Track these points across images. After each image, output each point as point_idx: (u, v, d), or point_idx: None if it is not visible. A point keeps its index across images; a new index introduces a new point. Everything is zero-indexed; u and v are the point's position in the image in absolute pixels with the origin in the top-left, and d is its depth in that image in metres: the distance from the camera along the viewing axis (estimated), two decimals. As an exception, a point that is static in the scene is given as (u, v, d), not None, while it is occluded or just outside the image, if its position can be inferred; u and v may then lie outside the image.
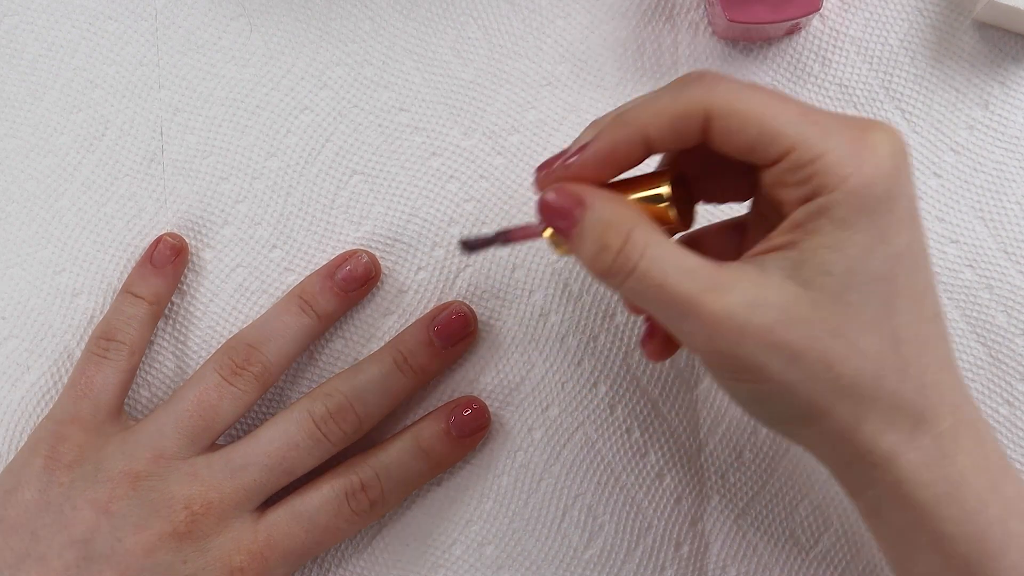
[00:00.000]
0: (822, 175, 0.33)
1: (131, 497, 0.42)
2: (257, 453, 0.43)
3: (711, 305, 0.34)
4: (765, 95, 0.35)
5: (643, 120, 0.36)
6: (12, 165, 0.49)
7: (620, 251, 0.35)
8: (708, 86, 0.35)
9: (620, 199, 0.36)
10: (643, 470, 0.47)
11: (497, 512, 0.47)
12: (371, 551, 0.47)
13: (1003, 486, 0.35)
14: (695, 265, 0.34)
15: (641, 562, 0.47)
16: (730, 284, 0.34)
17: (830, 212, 0.33)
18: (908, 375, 0.34)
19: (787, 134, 0.34)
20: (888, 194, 0.34)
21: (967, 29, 0.47)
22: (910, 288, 0.34)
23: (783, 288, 0.34)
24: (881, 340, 0.34)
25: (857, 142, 0.34)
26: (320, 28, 0.49)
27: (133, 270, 0.47)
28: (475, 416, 0.46)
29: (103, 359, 0.45)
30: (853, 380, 0.34)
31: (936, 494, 0.34)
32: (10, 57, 0.50)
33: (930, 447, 0.35)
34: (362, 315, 0.48)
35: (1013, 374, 0.46)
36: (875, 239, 0.34)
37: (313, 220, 0.48)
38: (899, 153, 0.34)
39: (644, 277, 0.34)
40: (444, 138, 0.49)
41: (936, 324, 0.36)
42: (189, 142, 0.49)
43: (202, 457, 0.44)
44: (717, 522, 0.47)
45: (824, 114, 0.35)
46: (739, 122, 0.34)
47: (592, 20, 0.49)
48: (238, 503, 0.43)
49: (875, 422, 0.34)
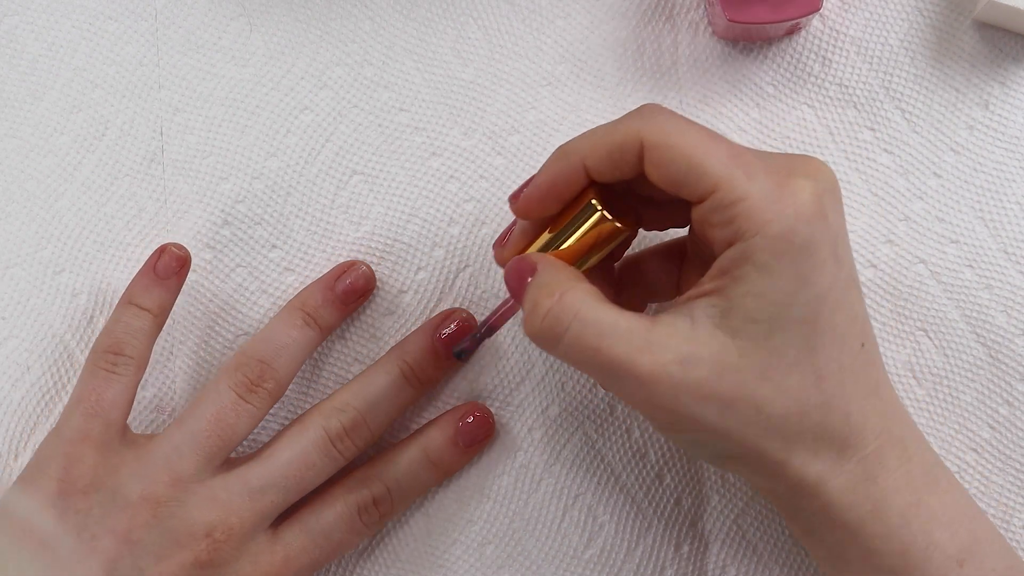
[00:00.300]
0: (743, 219, 0.35)
1: (152, 525, 0.41)
2: (275, 475, 0.43)
3: (646, 366, 0.35)
4: (699, 133, 0.36)
5: (582, 151, 0.38)
6: (12, 165, 0.49)
7: (549, 312, 0.36)
8: (645, 119, 0.37)
9: (564, 268, 0.38)
10: (643, 470, 0.47)
11: (497, 512, 0.47)
12: (371, 551, 0.47)
13: (927, 499, 0.37)
14: (628, 326, 0.36)
15: (641, 562, 0.47)
16: (662, 343, 0.35)
17: (753, 258, 0.35)
18: (831, 408, 0.36)
19: (712, 173, 0.35)
20: (809, 239, 0.35)
21: (967, 29, 0.47)
22: (831, 326, 0.36)
23: (713, 339, 0.35)
24: (804, 378, 0.36)
25: (780, 187, 0.35)
26: (320, 28, 0.49)
27: (135, 279, 0.46)
28: (481, 424, 0.46)
29: (112, 374, 0.44)
30: (781, 420, 0.36)
31: (861, 514, 0.37)
32: (10, 57, 0.50)
33: (854, 471, 0.37)
34: (362, 315, 0.48)
35: (1013, 374, 0.46)
36: (797, 284, 0.35)
37: (313, 220, 0.48)
38: (823, 195, 0.36)
39: (577, 340, 0.36)
40: (444, 138, 0.49)
41: (862, 354, 0.37)
42: (189, 142, 0.49)
43: (219, 479, 0.43)
44: (717, 522, 0.47)
45: (754, 156, 0.36)
46: (669, 156, 0.36)
47: (592, 20, 0.49)
48: (256, 524, 0.43)
49: (802, 454, 0.37)
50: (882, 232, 0.47)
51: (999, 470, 0.46)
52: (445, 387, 0.48)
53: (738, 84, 0.48)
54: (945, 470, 0.39)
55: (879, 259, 0.47)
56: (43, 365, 0.48)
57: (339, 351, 0.48)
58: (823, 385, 0.36)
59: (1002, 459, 0.46)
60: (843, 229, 0.37)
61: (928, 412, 0.47)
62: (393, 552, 0.47)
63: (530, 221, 0.40)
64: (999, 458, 0.46)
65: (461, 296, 0.48)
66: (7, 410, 0.48)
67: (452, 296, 0.48)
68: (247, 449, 0.47)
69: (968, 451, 0.46)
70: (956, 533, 0.37)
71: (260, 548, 0.43)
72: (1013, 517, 0.46)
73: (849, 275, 0.37)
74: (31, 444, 0.48)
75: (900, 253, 0.47)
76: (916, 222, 0.47)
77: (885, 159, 0.47)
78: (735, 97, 0.48)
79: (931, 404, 0.47)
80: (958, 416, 0.46)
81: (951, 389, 0.47)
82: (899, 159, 0.47)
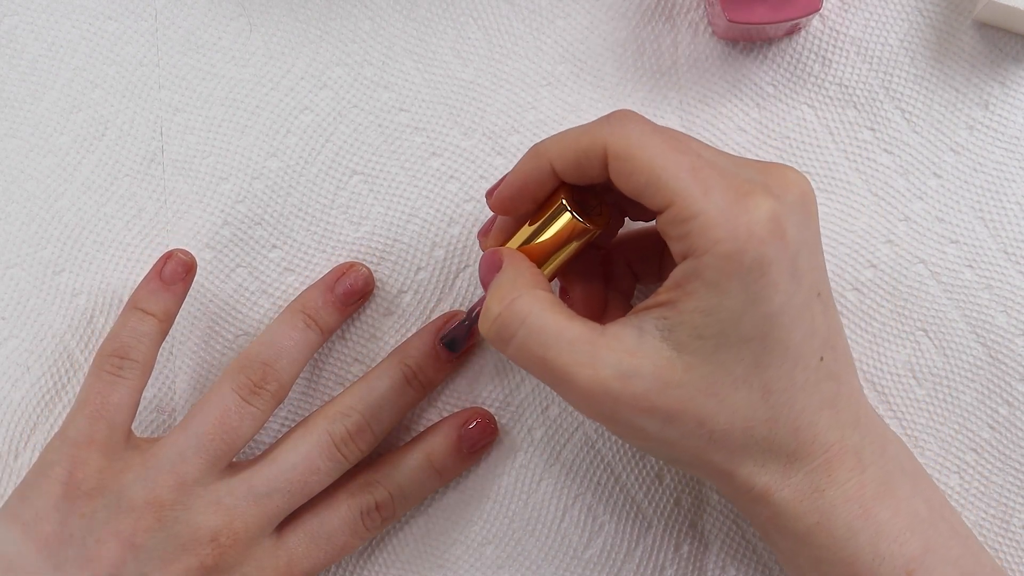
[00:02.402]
0: (695, 236, 0.35)
1: (156, 529, 0.41)
2: (279, 479, 0.43)
3: (586, 379, 0.36)
4: (663, 144, 0.36)
5: (551, 153, 0.38)
6: (12, 165, 0.49)
7: (499, 317, 0.37)
8: (613, 126, 0.37)
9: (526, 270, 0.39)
10: (643, 470, 0.47)
11: (497, 512, 0.47)
12: (371, 551, 0.47)
13: (877, 510, 0.38)
14: (573, 336, 0.36)
15: (641, 562, 0.47)
16: (604, 356, 0.36)
17: (703, 275, 0.35)
18: (778, 422, 0.37)
19: (669, 188, 0.36)
20: (760, 259, 0.35)
21: (967, 29, 0.47)
22: (783, 343, 0.36)
23: (657, 353, 0.36)
24: (751, 394, 0.36)
25: (735, 205, 0.35)
26: (320, 28, 0.49)
27: (141, 284, 0.46)
28: (484, 429, 0.46)
29: (117, 378, 0.44)
30: (724, 434, 0.36)
31: (808, 525, 0.38)
32: (10, 57, 0.50)
33: (802, 483, 0.37)
34: (362, 315, 0.48)
35: (1013, 374, 0.46)
36: (746, 303, 0.35)
37: (313, 220, 0.48)
38: (783, 214, 0.36)
39: (522, 347, 0.37)
40: (444, 138, 0.49)
41: (820, 368, 0.37)
42: (189, 142, 0.49)
43: (224, 483, 0.43)
44: (717, 522, 0.47)
45: (716, 171, 0.36)
46: (630, 167, 0.36)
47: (592, 20, 0.49)
48: (261, 529, 0.43)
49: (749, 466, 0.37)
50: (882, 232, 0.47)
51: (999, 470, 0.46)
52: (446, 388, 0.48)
53: (738, 84, 0.48)
54: (911, 477, 0.40)
55: (879, 259, 0.47)
56: (43, 365, 0.48)
57: (340, 352, 0.48)
58: (770, 400, 0.36)
59: (1002, 459, 0.46)
60: (810, 243, 0.37)
61: (928, 412, 0.47)
62: (393, 552, 0.47)
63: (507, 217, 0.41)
64: (999, 458, 0.46)
65: (461, 296, 0.48)
66: (7, 410, 0.48)
67: (452, 296, 0.48)
68: (250, 452, 0.47)
69: (968, 451, 0.46)
70: (906, 544, 0.38)
71: (265, 552, 0.43)
72: (1013, 517, 0.46)
73: (811, 289, 0.37)
74: (31, 444, 0.48)
75: (900, 253, 0.47)
76: (916, 222, 0.47)
77: (885, 159, 0.47)
78: (735, 97, 0.48)
79: (931, 404, 0.47)
80: (958, 416, 0.46)
81: (951, 389, 0.47)
82: (899, 159, 0.47)
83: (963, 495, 0.46)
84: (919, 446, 0.46)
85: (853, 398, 0.39)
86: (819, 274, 0.38)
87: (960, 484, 0.46)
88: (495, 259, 0.40)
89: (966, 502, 0.46)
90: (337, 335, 0.48)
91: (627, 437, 0.38)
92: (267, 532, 0.43)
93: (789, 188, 0.37)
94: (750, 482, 0.37)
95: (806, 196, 0.37)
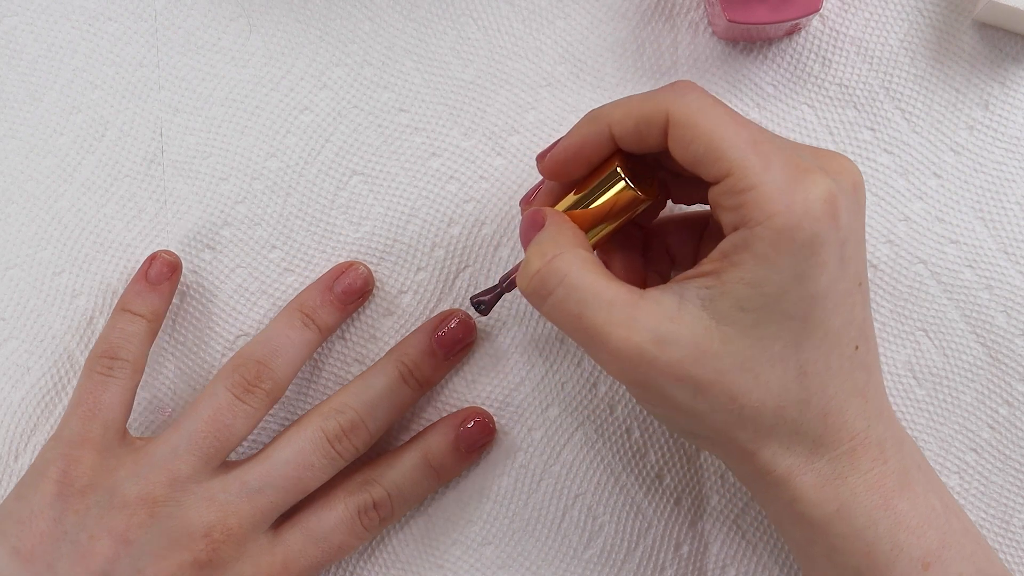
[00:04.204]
0: (751, 207, 0.35)
1: (149, 525, 0.42)
2: (273, 475, 0.43)
3: (621, 341, 0.35)
4: (725, 115, 0.36)
5: (611, 118, 0.38)
6: (12, 166, 0.49)
7: (538, 273, 0.37)
8: (676, 94, 0.37)
9: (570, 229, 0.38)
10: (643, 470, 0.47)
11: (497, 513, 0.47)
12: (371, 551, 0.47)
13: (896, 502, 0.37)
14: (612, 297, 0.36)
15: (641, 562, 0.47)
16: (642, 319, 0.35)
17: (753, 247, 0.35)
18: (810, 405, 0.36)
19: (729, 157, 0.35)
20: (812, 238, 0.35)
21: (967, 29, 0.47)
22: (823, 326, 0.36)
23: (697, 322, 0.35)
24: (786, 373, 0.36)
25: (793, 181, 0.35)
26: (320, 28, 0.49)
27: (128, 287, 0.46)
28: (482, 429, 0.46)
29: (109, 378, 0.44)
30: (755, 411, 0.36)
31: (827, 512, 0.37)
32: (10, 57, 0.50)
33: (824, 469, 0.37)
34: (362, 316, 0.48)
35: (1013, 374, 0.46)
36: (792, 280, 0.35)
37: (313, 220, 0.48)
38: (839, 195, 0.35)
39: (560, 304, 0.36)
40: (444, 139, 0.49)
41: (854, 357, 0.37)
42: (189, 143, 0.49)
43: (217, 480, 0.43)
44: (717, 522, 0.47)
45: (776, 147, 0.36)
46: (691, 134, 0.36)
47: (592, 20, 0.49)
48: (255, 526, 0.43)
49: (773, 447, 0.37)
50: (882, 232, 0.47)
51: (999, 470, 0.46)
52: (445, 388, 0.48)
53: (738, 84, 0.48)
54: (925, 473, 0.40)
55: (879, 259, 0.47)
56: (43, 366, 0.48)
57: (339, 352, 0.48)
58: (805, 382, 0.36)
59: (1002, 459, 0.46)
60: (857, 232, 0.37)
61: (928, 412, 0.47)
62: (393, 553, 0.47)
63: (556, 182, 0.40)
64: (999, 458, 0.46)
65: (461, 296, 0.48)
66: (7, 411, 0.48)
67: (452, 296, 0.48)
68: (248, 453, 0.47)
69: (968, 451, 0.46)
70: (923, 536, 0.37)
71: (260, 549, 0.43)
72: (1013, 517, 0.46)
73: (855, 278, 0.37)
74: (31, 445, 0.48)
75: (900, 253, 0.47)
76: (916, 222, 0.47)
77: (885, 159, 0.47)
78: (735, 97, 0.48)
79: (931, 404, 0.47)
80: (958, 416, 0.46)
81: (951, 389, 0.47)
82: (899, 159, 0.47)
83: (963, 495, 0.46)
84: (919, 446, 0.46)
85: (879, 391, 0.39)
86: (862, 264, 0.37)
87: (960, 484, 0.46)
88: (538, 217, 0.39)
89: (966, 502, 0.46)
90: (336, 335, 0.48)
91: (654, 405, 0.38)
92: (262, 529, 0.43)
93: (844, 174, 0.36)
94: (772, 464, 0.37)
95: (858, 185, 0.37)
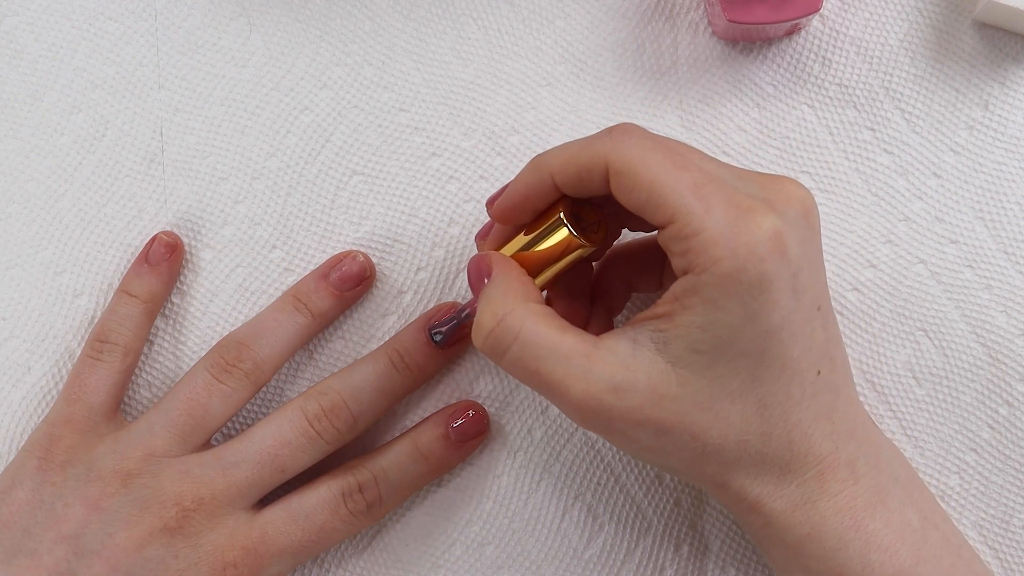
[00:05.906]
0: (696, 253, 0.35)
1: (122, 494, 0.43)
2: (249, 451, 0.44)
3: (580, 393, 0.36)
4: (665, 161, 0.36)
5: (552, 167, 0.38)
6: (12, 166, 0.49)
7: (491, 333, 0.37)
8: (615, 141, 0.37)
9: (517, 280, 0.39)
10: (643, 470, 0.47)
11: (497, 512, 0.47)
12: (371, 551, 0.47)
13: (867, 523, 0.38)
14: (568, 349, 0.36)
15: (641, 562, 0.47)
16: (598, 370, 0.36)
17: (701, 292, 0.35)
18: (773, 436, 0.37)
19: (671, 204, 0.35)
20: (760, 278, 0.35)
21: (967, 29, 0.47)
22: (781, 358, 0.36)
23: (652, 366, 0.36)
24: (746, 408, 0.36)
25: (736, 222, 0.35)
26: (320, 28, 0.49)
27: (129, 269, 0.48)
28: (474, 421, 0.46)
29: (96, 361, 0.46)
30: (718, 447, 0.37)
31: (799, 535, 0.38)
32: (10, 57, 0.50)
33: (794, 495, 0.38)
34: (361, 315, 0.48)
35: (1013, 374, 0.46)
36: (744, 320, 0.35)
37: (313, 220, 0.48)
38: (785, 230, 0.35)
39: (516, 361, 0.37)
40: (444, 138, 0.49)
41: (816, 382, 0.37)
42: (189, 142, 0.49)
43: (195, 456, 0.44)
44: (717, 522, 0.47)
45: (717, 186, 0.36)
46: (631, 183, 0.36)
47: (592, 20, 0.49)
48: (231, 500, 0.43)
49: (741, 477, 0.37)
50: (882, 232, 0.47)
51: (999, 470, 0.46)
52: (445, 388, 0.48)
53: (738, 84, 0.48)
54: (904, 486, 0.40)
55: (879, 259, 0.47)
56: (44, 366, 0.48)
57: (339, 352, 0.48)
58: (765, 414, 0.37)
59: (1002, 459, 0.46)
60: (811, 258, 0.37)
61: (928, 412, 0.47)
62: (393, 552, 0.47)
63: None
64: (999, 458, 0.46)
65: (461, 296, 0.48)
66: (7, 410, 0.48)
67: (452, 296, 0.48)
68: (247, 449, 0.47)
69: (968, 451, 0.46)
70: (896, 555, 0.38)
71: (237, 523, 0.43)
72: (1013, 517, 0.46)
73: (812, 303, 0.37)
74: (32, 444, 0.48)
75: (900, 253, 0.47)
76: (916, 222, 0.47)
77: (885, 159, 0.47)
78: (735, 97, 0.48)
79: (931, 404, 0.47)
80: (958, 416, 0.46)
81: (951, 389, 0.47)
82: (899, 159, 0.47)
83: (963, 495, 0.46)
84: (919, 446, 0.46)
85: (850, 409, 0.39)
86: (820, 288, 0.38)
87: (960, 484, 0.46)
88: (484, 265, 0.40)
89: (966, 502, 0.46)
90: (336, 336, 0.48)
91: (622, 446, 0.39)
92: (240, 505, 0.43)
93: (791, 203, 0.37)
94: (743, 493, 0.38)
95: (808, 210, 0.37)
